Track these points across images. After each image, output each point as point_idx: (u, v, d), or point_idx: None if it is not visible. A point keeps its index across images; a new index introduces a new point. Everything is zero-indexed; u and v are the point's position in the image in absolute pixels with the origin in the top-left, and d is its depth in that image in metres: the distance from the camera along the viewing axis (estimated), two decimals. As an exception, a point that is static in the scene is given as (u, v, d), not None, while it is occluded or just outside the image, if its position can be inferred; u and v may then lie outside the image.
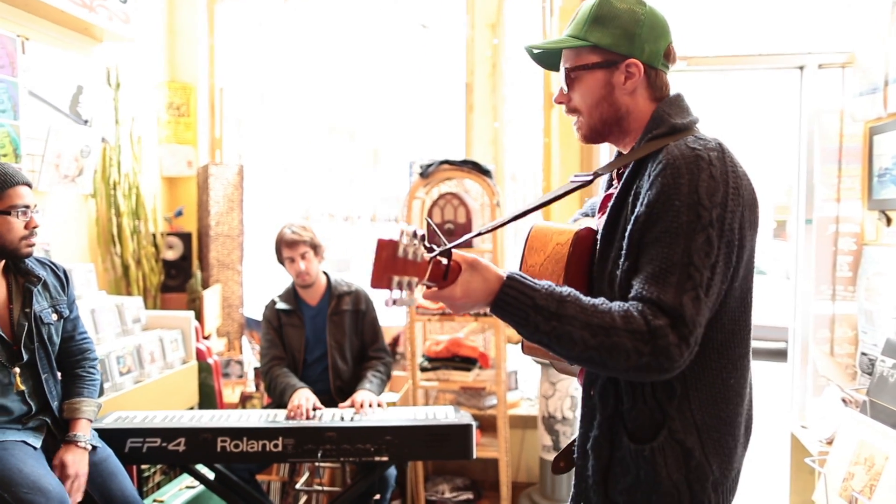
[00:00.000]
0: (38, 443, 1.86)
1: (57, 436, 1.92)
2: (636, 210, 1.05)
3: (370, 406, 2.36)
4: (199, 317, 3.33)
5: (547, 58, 1.25)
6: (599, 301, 1.02)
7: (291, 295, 2.73)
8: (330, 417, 2.23)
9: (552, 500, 2.96)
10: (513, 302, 1.01)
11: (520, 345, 1.24)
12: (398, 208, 3.70)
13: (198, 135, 3.76)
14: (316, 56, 3.87)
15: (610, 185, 1.25)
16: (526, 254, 1.20)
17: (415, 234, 0.99)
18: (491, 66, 3.50)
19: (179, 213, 3.70)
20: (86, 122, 3.09)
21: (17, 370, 1.84)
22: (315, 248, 2.61)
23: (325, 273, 2.75)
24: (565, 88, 1.19)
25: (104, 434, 2.07)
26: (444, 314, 2.95)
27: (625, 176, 1.13)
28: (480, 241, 3.10)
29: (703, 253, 0.98)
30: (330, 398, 2.59)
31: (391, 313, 3.59)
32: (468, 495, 3.07)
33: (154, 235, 3.52)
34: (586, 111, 1.17)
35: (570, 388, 2.89)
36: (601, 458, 1.12)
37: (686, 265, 0.98)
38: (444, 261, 1.03)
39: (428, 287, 1.05)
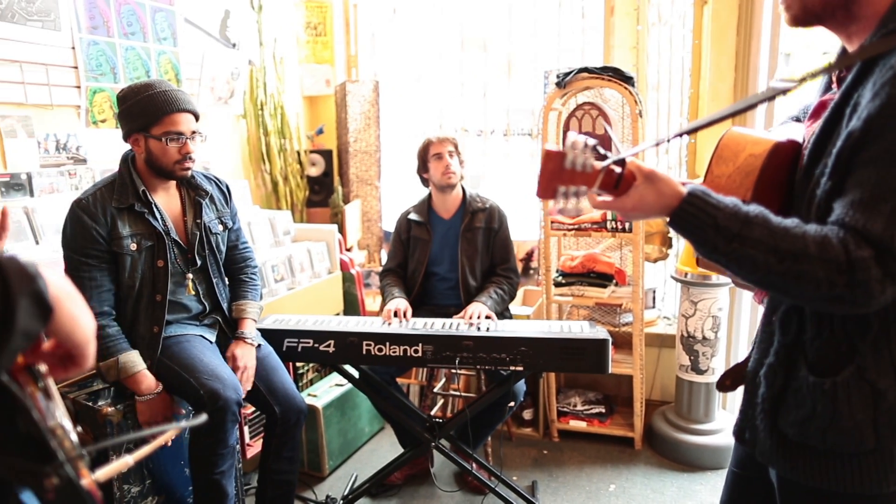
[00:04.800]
0: (213, 337, 2.11)
1: (228, 333, 2.16)
2: (851, 124, 0.89)
3: (478, 318, 2.37)
4: (341, 230, 3.52)
5: None
6: (792, 223, 0.91)
7: (425, 206, 2.74)
8: (467, 327, 2.29)
9: (687, 419, 2.89)
10: (691, 220, 0.94)
11: (695, 258, 1.17)
12: (532, 121, 3.60)
13: (334, 53, 3.84)
14: (447, -36, 3.75)
15: (828, 88, 1.07)
16: (713, 163, 1.08)
17: (585, 145, 0.96)
18: (634, -38, 3.21)
19: (320, 132, 3.86)
20: (234, 45, 3.25)
21: (191, 274, 2.06)
22: (458, 151, 2.62)
23: (462, 187, 2.72)
24: None
25: (264, 334, 2.29)
26: (580, 229, 2.88)
27: (848, 80, 0.94)
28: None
29: None
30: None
31: (525, 228, 3.57)
32: (600, 409, 3.09)
33: (298, 153, 3.71)
34: None
35: (713, 308, 2.75)
36: (773, 386, 1.05)
37: None
38: (618, 170, 0.99)
39: (599, 195, 1.02)
